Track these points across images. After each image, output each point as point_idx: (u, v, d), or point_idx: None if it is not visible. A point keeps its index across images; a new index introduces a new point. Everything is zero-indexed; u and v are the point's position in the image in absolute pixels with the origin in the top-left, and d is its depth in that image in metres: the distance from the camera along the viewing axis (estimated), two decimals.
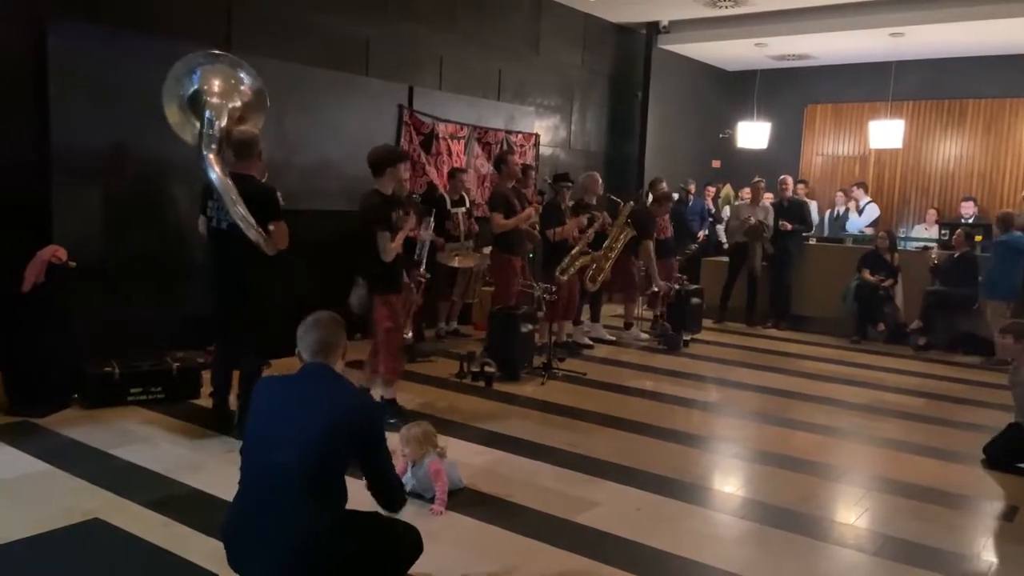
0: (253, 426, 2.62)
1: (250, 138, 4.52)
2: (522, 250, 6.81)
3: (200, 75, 4.81)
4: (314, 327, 2.66)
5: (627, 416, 5.30)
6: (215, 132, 4.61)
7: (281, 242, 4.47)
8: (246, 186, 4.38)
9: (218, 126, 4.63)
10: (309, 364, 2.65)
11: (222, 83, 4.84)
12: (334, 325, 2.70)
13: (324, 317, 2.70)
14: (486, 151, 8.41)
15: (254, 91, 4.97)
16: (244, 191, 4.35)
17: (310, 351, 2.65)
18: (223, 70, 4.89)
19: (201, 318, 6.03)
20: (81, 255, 5.08)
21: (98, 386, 4.99)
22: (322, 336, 2.64)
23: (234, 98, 4.83)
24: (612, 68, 10.50)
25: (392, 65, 7.45)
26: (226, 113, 4.72)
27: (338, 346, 2.67)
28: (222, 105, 4.73)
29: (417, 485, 3.72)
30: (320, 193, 6.72)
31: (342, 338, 2.71)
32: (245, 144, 4.48)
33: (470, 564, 3.16)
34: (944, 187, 11.35)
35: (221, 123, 4.65)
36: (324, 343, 2.64)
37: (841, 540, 3.59)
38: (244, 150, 4.47)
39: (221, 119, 4.67)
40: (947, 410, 5.86)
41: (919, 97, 11.24)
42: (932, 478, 4.40)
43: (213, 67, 4.87)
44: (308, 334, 2.66)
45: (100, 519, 3.41)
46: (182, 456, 4.24)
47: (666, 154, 11.04)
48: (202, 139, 4.60)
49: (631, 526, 3.57)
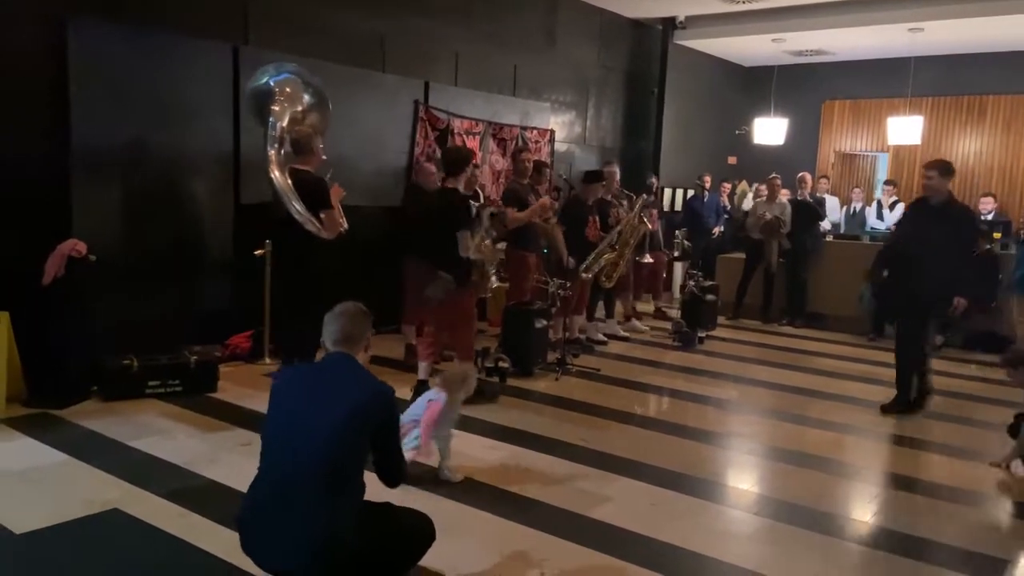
0: (274, 414, 2.66)
1: (304, 136, 4.94)
2: (536, 246, 6.81)
3: (273, 83, 5.34)
4: (339, 317, 2.71)
5: (641, 412, 5.31)
6: (276, 133, 5.11)
7: (331, 228, 4.83)
8: (301, 179, 4.78)
9: (279, 127, 5.12)
10: (330, 353, 2.70)
11: (288, 89, 5.37)
12: (359, 317, 2.73)
13: (350, 308, 2.74)
14: (501, 147, 8.42)
15: (317, 97, 5.49)
16: (300, 184, 4.76)
17: (332, 340, 2.70)
18: (290, 80, 5.41)
19: (218, 313, 6.13)
20: (100, 249, 5.14)
21: (117, 379, 5.05)
22: (345, 326, 2.69)
23: (296, 103, 5.32)
24: (628, 64, 10.47)
25: (408, 61, 7.47)
26: (287, 115, 5.20)
27: (361, 337, 2.71)
28: (284, 109, 5.23)
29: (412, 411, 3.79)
30: None
31: (366, 330, 2.74)
32: (299, 142, 4.92)
33: (483, 557, 3.18)
34: (963, 184, 11.23)
35: (282, 123, 5.15)
36: (347, 334, 2.69)
37: (856, 537, 3.58)
38: (300, 147, 4.91)
39: (282, 120, 5.16)
40: (964, 408, 5.81)
41: (938, 93, 11.13)
42: (948, 476, 4.38)
43: (282, 78, 5.39)
44: (332, 323, 2.71)
45: (119, 509, 3.46)
46: (199, 448, 4.28)
47: (682, 150, 11.00)
48: (266, 139, 5.09)
49: (645, 521, 3.57)
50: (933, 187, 5.27)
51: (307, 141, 4.91)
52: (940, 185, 5.23)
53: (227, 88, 6.05)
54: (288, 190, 4.75)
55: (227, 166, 6.13)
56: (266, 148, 5.10)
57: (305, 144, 4.90)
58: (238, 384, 5.50)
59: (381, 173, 7.21)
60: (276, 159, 4.98)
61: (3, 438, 4.30)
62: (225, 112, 6.06)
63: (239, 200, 6.21)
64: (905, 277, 5.37)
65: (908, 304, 5.42)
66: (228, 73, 6.04)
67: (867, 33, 9.76)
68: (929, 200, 5.32)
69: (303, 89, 5.44)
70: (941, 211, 5.22)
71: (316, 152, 4.95)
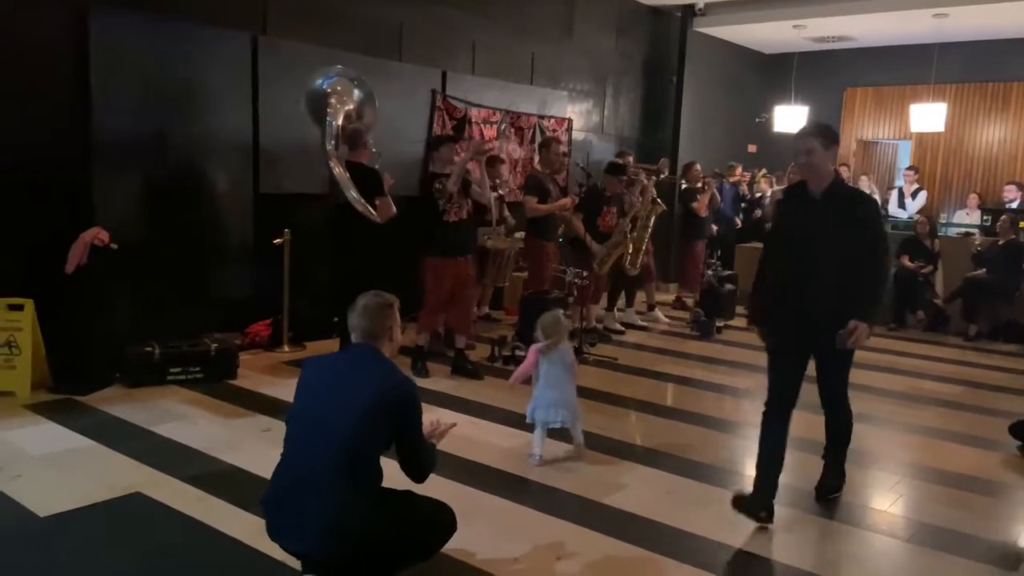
0: (299, 400, 2.69)
1: (355, 131, 5.48)
2: (555, 235, 6.81)
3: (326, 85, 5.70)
4: (360, 314, 2.72)
5: (657, 401, 5.29)
6: (333, 130, 5.54)
7: (385, 213, 5.34)
8: (356, 171, 5.32)
9: (335, 124, 5.54)
10: (355, 344, 2.73)
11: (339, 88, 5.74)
12: (379, 311, 2.73)
13: (371, 304, 2.74)
14: (519, 136, 8.40)
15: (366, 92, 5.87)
16: (354, 175, 5.29)
17: (355, 334, 2.73)
18: (339, 80, 5.78)
19: (238, 301, 6.18)
20: (122, 238, 5.19)
21: (139, 366, 5.11)
22: (362, 324, 2.71)
23: (348, 100, 5.71)
24: (646, 52, 10.39)
25: (425, 50, 7.46)
26: (341, 113, 5.62)
27: (383, 330, 2.72)
28: (338, 107, 5.63)
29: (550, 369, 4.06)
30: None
31: (387, 321, 2.73)
32: (352, 138, 5.46)
33: (502, 544, 3.19)
34: (987, 171, 11.08)
35: (337, 122, 5.55)
36: (365, 331, 2.71)
37: (875, 526, 3.56)
38: (353, 142, 5.45)
39: (337, 118, 5.57)
40: (985, 398, 5.75)
41: (962, 80, 10.96)
42: (968, 466, 4.34)
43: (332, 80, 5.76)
44: (353, 320, 2.73)
45: (141, 493, 3.51)
46: (219, 434, 4.34)
47: (700, 139, 10.91)
48: (324, 137, 5.57)
49: (661, 509, 3.57)
50: (814, 167, 3.45)
51: (358, 136, 5.45)
52: (821, 163, 3.44)
53: (246, 77, 6.08)
54: (347, 180, 5.26)
55: (246, 155, 6.17)
56: (324, 145, 5.52)
57: (357, 139, 5.44)
58: (257, 371, 5.56)
59: (398, 163, 7.21)
60: (334, 153, 5.44)
61: (28, 423, 4.37)
62: (244, 101, 6.10)
63: (258, 189, 6.25)
64: (780, 296, 3.69)
65: (783, 335, 3.73)
66: (247, 62, 6.08)
67: (891, 19, 9.61)
68: (808, 187, 3.54)
69: (352, 86, 5.80)
70: (824, 201, 3.49)
71: (367, 145, 5.49)
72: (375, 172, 5.43)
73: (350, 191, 5.24)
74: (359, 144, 5.44)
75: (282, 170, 6.35)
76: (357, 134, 5.45)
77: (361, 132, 5.48)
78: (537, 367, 4.13)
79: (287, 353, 6.05)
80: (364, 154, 5.47)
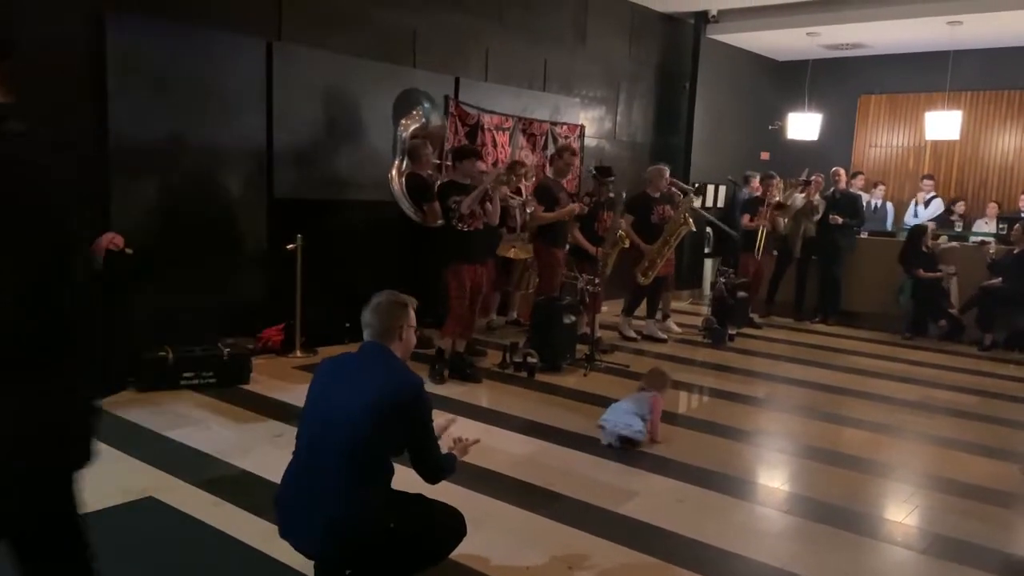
0: (311, 399, 2.70)
1: (415, 147, 6.34)
2: (564, 242, 6.81)
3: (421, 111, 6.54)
4: (371, 312, 2.72)
5: (669, 409, 5.25)
6: (399, 146, 6.37)
7: (433, 218, 6.02)
8: (413, 181, 6.23)
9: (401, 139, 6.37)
10: (366, 343, 2.73)
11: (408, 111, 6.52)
12: (390, 309, 2.72)
13: (383, 302, 2.74)
14: (531, 142, 8.41)
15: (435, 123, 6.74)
16: (411, 185, 6.20)
17: (366, 334, 2.73)
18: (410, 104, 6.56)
19: (251, 306, 6.20)
20: (137, 242, 5.20)
21: (152, 370, 5.13)
22: (373, 322, 2.71)
23: (413, 122, 6.48)
24: (659, 58, 10.39)
25: (438, 56, 7.48)
26: (408, 132, 6.39)
27: (395, 328, 2.71)
28: (406, 126, 6.42)
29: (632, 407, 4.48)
30: (368, 183, 6.79)
31: (400, 319, 2.72)
32: (411, 152, 6.35)
33: (512, 551, 3.18)
34: (1003, 180, 11.00)
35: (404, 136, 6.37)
36: (376, 330, 2.71)
37: (890, 537, 3.53)
38: (412, 156, 6.35)
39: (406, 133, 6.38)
40: (1001, 408, 5.70)
41: (978, 88, 10.90)
42: (984, 476, 4.30)
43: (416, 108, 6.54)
44: (365, 317, 2.73)
45: (153, 497, 3.52)
46: (232, 439, 4.35)
47: (713, 146, 10.89)
48: (393, 152, 6.41)
49: (673, 517, 3.55)
50: None
51: (416, 151, 6.33)
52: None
53: (261, 83, 6.11)
54: (399, 193, 6.20)
55: (261, 160, 6.20)
56: (393, 159, 6.39)
57: (415, 153, 6.34)
58: (270, 376, 5.57)
59: None
60: (397, 166, 6.28)
61: None
62: (259, 107, 6.12)
63: (272, 194, 6.27)
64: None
65: None
66: (262, 68, 6.11)
67: (905, 26, 9.57)
68: None
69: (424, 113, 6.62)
70: None
71: (425, 158, 6.37)
72: (426, 181, 6.25)
73: (401, 201, 6.15)
74: (417, 157, 6.32)
75: (296, 175, 6.38)
76: (415, 149, 6.32)
77: (419, 147, 6.34)
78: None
79: (300, 358, 6.06)
80: (423, 166, 6.34)
